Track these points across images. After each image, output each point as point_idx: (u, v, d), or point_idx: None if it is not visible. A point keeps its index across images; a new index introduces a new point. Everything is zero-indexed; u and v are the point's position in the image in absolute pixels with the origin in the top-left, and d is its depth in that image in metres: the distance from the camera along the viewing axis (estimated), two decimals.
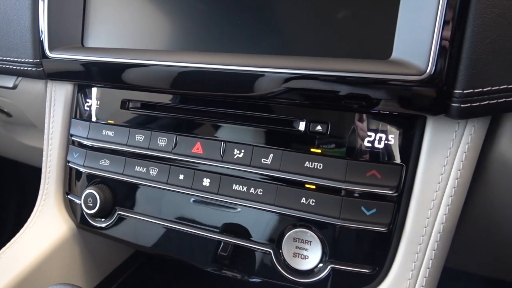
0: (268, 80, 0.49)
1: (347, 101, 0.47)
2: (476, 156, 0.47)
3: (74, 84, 0.68)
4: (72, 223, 0.67)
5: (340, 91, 0.46)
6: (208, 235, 0.56)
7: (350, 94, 0.46)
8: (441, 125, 0.47)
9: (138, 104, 0.62)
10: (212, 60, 0.51)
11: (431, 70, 0.42)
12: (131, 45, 0.59)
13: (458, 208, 0.47)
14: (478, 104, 0.42)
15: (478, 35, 0.41)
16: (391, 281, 0.48)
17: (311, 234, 0.50)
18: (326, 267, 0.50)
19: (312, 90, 0.47)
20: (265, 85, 0.49)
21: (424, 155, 0.47)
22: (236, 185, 0.54)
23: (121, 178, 0.61)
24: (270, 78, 0.48)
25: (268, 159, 0.52)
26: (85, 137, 0.64)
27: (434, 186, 0.47)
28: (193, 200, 0.57)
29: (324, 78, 0.46)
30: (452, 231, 0.47)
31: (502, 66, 0.42)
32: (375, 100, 0.45)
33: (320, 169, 0.50)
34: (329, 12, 0.48)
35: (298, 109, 0.51)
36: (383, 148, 0.48)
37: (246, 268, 0.55)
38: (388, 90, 0.44)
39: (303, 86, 0.47)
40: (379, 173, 0.48)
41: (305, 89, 0.48)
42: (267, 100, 0.50)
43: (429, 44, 0.42)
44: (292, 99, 0.49)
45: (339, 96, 0.47)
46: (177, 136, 0.57)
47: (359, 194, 0.48)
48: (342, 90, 0.46)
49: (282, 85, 0.48)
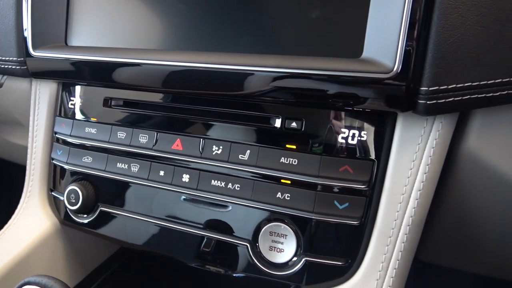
0: (245, 78, 0.50)
1: (320, 98, 0.48)
2: (444, 152, 0.48)
3: (58, 82, 0.69)
4: (55, 219, 0.68)
5: (314, 88, 0.48)
6: (187, 230, 0.57)
7: (323, 91, 0.47)
8: (411, 121, 0.48)
9: (120, 102, 0.63)
10: (188, 59, 0.53)
11: (398, 68, 0.43)
12: (114, 44, 0.60)
13: (427, 201, 0.48)
14: (443, 101, 0.44)
15: (442, 35, 0.42)
16: (363, 273, 0.49)
17: (286, 228, 0.51)
18: (300, 260, 0.51)
19: (286, 87, 0.49)
20: (241, 83, 0.50)
21: (394, 150, 0.49)
22: (214, 181, 0.55)
23: (104, 175, 0.62)
24: (247, 76, 0.50)
25: (245, 155, 0.53)
26: (69, 135, 0.65)
27: (404, 181, 0.48)
28: (173, 196, 0.58)
29: (298, 76, 0.48)
30: (421, 224, 0.49)
31: (465, 64, 0.43)
32: (346, 97, 0.47)
33: (295, 165, 0.51)
34: (304, 13, 0.50)
35: (274, 106, 0.53)
36: (355, 144, 0.50)
37: (225, 262, 0.56)
38: (359, 87, 0.46)
39: (279, 84, 0.49)
40: (351, 168, 0.49)
41: (280, 87, 0.49)
42: (242, 98, 0.52)
43: (396, 43, 0.43)
44: (268, 96, 0.50)
45: (312, 93, 0.48)
46: (158, 133, 0.59)
47: (332, 189, 0.50)
48: (316, 88, 0.48)
49: (259, 83, 0.50)
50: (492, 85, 0.45)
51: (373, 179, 0.49)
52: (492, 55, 0.44)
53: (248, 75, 0.50)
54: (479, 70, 0.44)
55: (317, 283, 0.51)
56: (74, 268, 0.71)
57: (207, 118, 0.57)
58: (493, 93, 0.45)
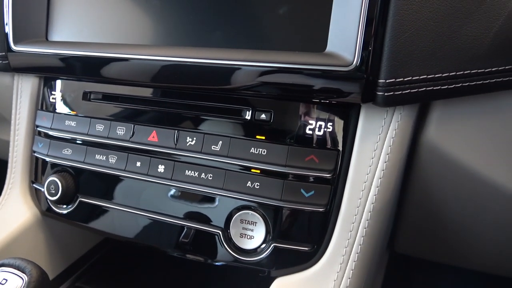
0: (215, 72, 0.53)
1: (286, 90, 0.51)
2: (404, 141, 0.51)
3: (40, 76, 0.71)
4: (36, 210, 0.69)
5: (280, 81, 0.50)
6: (164, 219, 0.59)
7: (289, 84, 0.50)
8: (372, 113, 0.51)
9: (99, 96, 0.65)
10: (162, 53, 0.55)
11: (357, 62, 0.46)
12: (94, 39, 0.62)
13: (387, 189, 0.51)
14: (400, 92, 0.47)
15: (397, 30, 0.45)
16: (328, 258, 0.52)
17: (256, 215, 0.53)
18: (269, 246, 0.53)
19: (255, 80, 0.51)
20: (211, 76, 0.53)
21: (357, 141, 0.51)
22: (188, 171, 0.57)
23: (82, 166, 0.64)
24: (217, 69, 0.52)
25: (217, 146, 0.56)
26: (49, 128, 0.67)
27: (366, 169, 0.51)
28: (150, 186, 0.60)
29: (266, 69, 0.50)
30: (383, 211, 0.51)
31: (420, 58, 0.46)
32: (310, 89, 0.49)
33: (264, 155, 0.53)
34: (273, 9, 0.52)
35: (245, 99, 0.55)
36: (321, 135, 0.52)
37: (202, 250, 0.58)
38: (322, 79, 0.48)
39: (248, 77, 0.51)
40: (317, 158, 0.52)
41: (249, 80, 0.51)
42: (213, 91, 0.54)
43: (355, 38, 0.46)
44: (239, 89, 0.53)
45: (279, 86, 0.51)
46: (135, 125, 0.61)
47: (299, 177, 0.52)
48: (282, 81, 0.50)
49: (228, 76, 0.52)
50: (446, 77, 0.47)
51: (338, 168, 0.52)
52: (445, 49, 0.46)
53: (218, 69, 0.52)
54: (433, 63, 0.46)
55: (285, 268, 0.53)
56: (55, 259, 0.72)
57: (182, 111, 0.59)
58: (447, 85, 0.48)
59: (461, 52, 0.47)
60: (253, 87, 0.52)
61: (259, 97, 0.54)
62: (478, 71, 0.48)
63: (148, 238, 0.62)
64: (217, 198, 0.56)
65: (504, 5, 0.47)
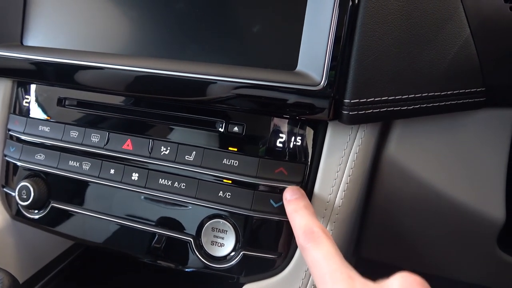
0: (187, 84, 0.54)
1: (257, 105, 0.53)
2: (366, 157, 0.54)
3: (13, 80, 0.70)
4: (7, 214, 0.69)
5: (251, 96, 0.53)
6: (136, 226, 0.60)
7: (260, 99, 0.52)
8: (339, 130, 0.54)
9: (74, 102, 0.65)
10: (137, 64, 0.56)
11: (325, 82, 0.49)
12: (70, 46, 0.63)
13: (350, 201, 0.54)
14: (363, 112, 0.50)
15: (362, 54, 0.48)
16: (293, 265, 0.54)
17: (227, 224, 0.56)
18: (238, 253, 0.55)
19: (228, 94, 0.53)
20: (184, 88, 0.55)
21: (324, 155, 0.54)
22: (162, 180, 0.59)
23: (55, 172, 0.64)
24: (190, 82, 0.54)
25: (191, 156, 0.57)
26: (22, 132, 0.67)
27: (331, 182, 0.54)
28: (123, 193, 0.61)
29: (239, 84, 0.52)
30: (346, 222, 0.54)
31: (382, 80, 0.49)
32: (280, 105, 0.52)
33: (236, 166, 0.55)
34: (247, 27, 0.55)
35: (219, 112, 0.57)
36: (291, 148, 0.55)
37: (173, 257, 0.60)
38: (292, 97, 0.51)
39: (221, 91, 0.53)
40: (286, 170, 0.54)
41: (222, 94, 0.53)
42: (186, 103, 0.56)
43: (323, 59, 0.49)
44: (211, 102, 0.55)
45: (250, 100, 0.53)
46: (109, 133, 0.61)
47: (268, 188, 0.55)
48: (253, 96, 0.52)
49: (201, 90, 0.54)
50: (406, 99, 0.51)
51: (305, 180, 0.54)
52: (406, 73, 0.50)
53: (191, 82, 0.54)
54: (394, 86, 0.50)
55: (254, 275, 0.56)
56: (25, 263, 0.72)
57: (157, 121, 0.60)
58: (407, 106, 0.51)
59: (420, 76, 0.51)
60: (225, 101, 0.54)
61: (232, 110, 0.56)
62: (435, 93, 0.52)
63: (120, 244, 0.63)
64: (189, 207, 0.58)
65: (459, 35, 0.51)
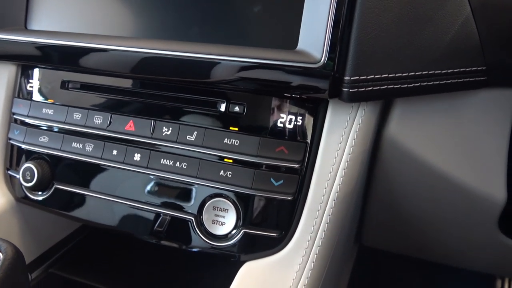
0: (191, 65, 0.55)
1: (260, 85, 0.54)
2: (367, 135, 0.55)
3: (17, 64, 0.71)
4: (11, 197, 0.70)
5: (254, 75, 0.53)
6: (139, 206, 0.61)
7: (262, 79, 0.53)
8: (339, 108, 0.54)
9: (77, 85, 0.66)
10: (142, 45, 0.57)
11: (325, 59, 0.49)
12: (74, 30, 0.63)
13: (351, 180, 0.54)
14: (364, 89, 0.50)
15: (362, 32, 0.49)
16: (294, 243, 0.55)
17: (228, 203, 0.56)
18: (239, 232, 0.56)
19: (230, 74, 0.54)
20: (187, 69, 0.55)
21: (324, 134, 0.55)
22: (163, 160, 0.59)
23: (59, 154, 0.65)
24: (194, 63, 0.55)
25: (192, 136, 0.58)
26: (26, 115, 0.68)
27: (331, 161, 0.54)
28: (125, 174, 0.62)
29: (241, 64, 0.53)
30: (346, 200, 0.55)
31: (382, 58, 0.50)
32: (281, 84, 0.52)
33: (237, 145, 0.56)
34: (249, 7, 0.55)
35: (220, 92, 0.58)
36: (291, 128, 0.55)
37: (176, 237, 0.60)
38: (292, 75, 0.51)
39: (224, 71, 0.54)
40: (286, 149, 0.55)
41: (224, 74, 0.54)
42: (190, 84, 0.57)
43: (323, 37, 0.49)
44: (215, 82, 0.55)
45: (253, 80, 0.53)
46: (112, 114, 0.62)
47: (269, 167, 0.55)
48: (255, 75, 0.53)
49: (204, 70, 0.55)
50: (407, 77, 0.51)
51: (306, 159, 0.55)
52: (406, 51, 0.50)
53: (194, 62, 0.54)
54: (394, 63, 0.50)
55: (255, 253, 0.56)
56: (29, 245, 0.73)
57: (159, 102, 0.61)
58: (407, 84, 0.52)
59: (420, 54, 0.51)
60: (226, 80, 0.54)
61: (234, 90, 0.57)
62: (436, 71, 0.52)
63: (123, 225, 0.63)
64: (191, 186, 0.58)
65: (460, 13, 0.51)
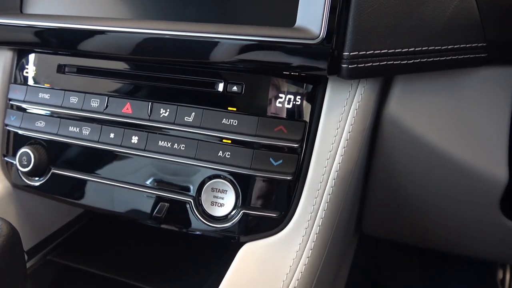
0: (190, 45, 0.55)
1: (259, 63, 0.53)
2: (366, 114, 0.54)
3: (13, 50, 0.70)
4: (7, 183, 0.69)
5: (252, 54, 0.52)
6: (137, 189, 0.60)
7: (261, 56, 0.52)
8: (338, 86, 0.54)
9: (73, 69, 0.65)
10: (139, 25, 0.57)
11: (323, 34, 0.49)
12: (70, 13, 0.63)
13: (351, 158, 0.54)
14: (363, 65, 0.50)
15: (360, 6, 0.48)
16: (294, 223, 0.54)
17: (226, 184, 0.56)
18: (238, 213, 0.55)
19: (228, 53, 0.53)
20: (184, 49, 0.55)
21: (324, 112, 0.54)
22: (161, 142, 0.59)
23: (56, 138, 0.64)
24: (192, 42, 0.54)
25: (190, 117, 0.57)
26: (22, 100, 0.67)
27: (331, 139, 0.53)
28: (123, 157, 0.61)
29: (239, 42, 0.52)
30: (346, 179, 0.54)
31: (381, 32, 0.49)
32: (280, 61, 0.52)
33: (235, 125, 0.55)
34: None
35: (217, 72, 0.57)
36: (290, 107, 0.55)
37: (175, 219, 0.60)
38: (291, 52, 0.51)
39: (223, 50, 0.53)
40: (285, 129, 0.54)
41: (223, 53, 0.53)
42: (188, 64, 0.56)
43: (322, 13, 0.49)
44: (213, 62, 0.55)
45: (253, 58, 0.53)
46: (109, 97, 0.62)
47: (268, 147, 0.54)
48: (254, 53, 0.52)
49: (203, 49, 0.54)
50: (406, 53, 0.51)
51: (305, 138, 0.54)
52: (405, 25, 0.50)
53: (191, 42, 0.54)
54: (394, 38, 0.50)
55: (254, 234, 0.56)
56: (27, 233, 0.72)
57: (156, 84, 0.60)
58: (407, 60, 0.51)
59: (420, 29, 0.50)
60: (225, 59, 0.54)
61: (231, 70, 0.56)
62: (435, 48, 0.51)
63: (121, 209, 0.63)
64: (189, 168, 0.58)
65: None
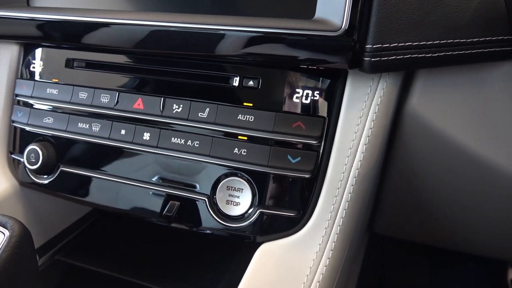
0: (204, 37, 0.52)
1: (278, 56, 0.51)
2: (388, 109, 0.52)
3: (20, 44, 0.68)
4: (15, 181, 0.68)
5: (270, 47, 0.51)
6: (149, 187, 0.59)
7: (280, 49, 0.50)
8: (359, 80, 0.52)
9: (82, 63, 0.63)
10: (152, 18, 0.54)
11: (346, 26, 0.47)
12: (78, 6, 0.61)
13: (372, 155, 0.52)
14: (386, 58, 0.48)
15: None
16: (313, 223, 0.52)
17: (242, 182, 0.54)
18: (255, 212, 0.54)
19: (244, 46, 0.51)
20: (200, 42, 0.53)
21: (344, 108, 0.52)
22: (174, 138, 0.57)
23: (64, 135, 0.63)
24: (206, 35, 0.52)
25: (204, 113, 0.55)
26: (30, 96, 0.65)
27: (351, 136, 0.52)
28: (134, 154, 0.59)
29: (256, 34, 0.50)
30: (367, 177, 0.52)
31: (406, 25, 0.47)
32: (301, 55, 0.50)
33: (252, 121, 0.53)
34: None
35: (232, 66, 0.55)
36: (308, 102, 0.53)
37: (187, 218, 0.58)
38: (311, 45, 0.49)
39: (240, 43, 0.51)
40: (303, 125, 0.52)
41: (240, 46, 0.51)
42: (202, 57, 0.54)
43: (344, 3, 0.47)
44: (228, 55, 0.53)
45: (270, 51, 0.51)
46: (119, 93, 0.60)
47: (285, 144, 0.53)
48: (273, 47, 0.50)
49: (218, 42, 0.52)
50: (430, 46, 0.49)
51: (324, 135, 0.52)
52: (430, 17, 0.48)
53: (204, 35, 0.52)
54: (418, 31, 0.48)
55: (271, 234, 0.54)
56: (35, 232, 0.69)
57: (168, 78, 0.58)
58: (431, 53, 0.49)
59: (444, 21, 0.48)
60: (241, 53, 0.52)
61: (247, 64, 0.54)
62: (460, 40, 0.49)
63: (132, 208, 0.61)
64: (203, 165, 0.56)
65: None
